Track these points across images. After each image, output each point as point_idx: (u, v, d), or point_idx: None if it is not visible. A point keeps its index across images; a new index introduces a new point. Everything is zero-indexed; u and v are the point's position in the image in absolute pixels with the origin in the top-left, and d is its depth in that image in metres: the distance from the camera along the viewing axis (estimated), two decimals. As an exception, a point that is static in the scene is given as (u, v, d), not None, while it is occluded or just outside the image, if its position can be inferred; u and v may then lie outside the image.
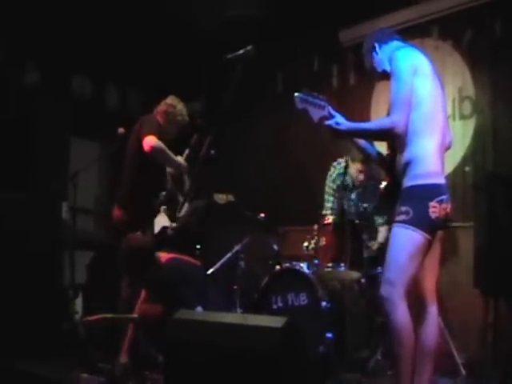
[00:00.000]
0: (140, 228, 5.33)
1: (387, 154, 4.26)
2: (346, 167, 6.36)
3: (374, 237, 6.23)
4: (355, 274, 5.85)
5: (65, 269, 7.01)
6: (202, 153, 4.70)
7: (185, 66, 8.49)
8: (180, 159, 5.79)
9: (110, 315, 5.26)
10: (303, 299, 5.68)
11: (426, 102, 3.99)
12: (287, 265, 6.12)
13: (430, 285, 4.11)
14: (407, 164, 3.94)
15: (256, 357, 3.15)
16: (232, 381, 3.27)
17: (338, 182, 6.38)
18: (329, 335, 5.61)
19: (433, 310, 4.07)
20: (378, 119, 3.99)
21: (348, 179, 6.38)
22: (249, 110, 7.71)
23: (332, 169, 6.53)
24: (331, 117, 4.00)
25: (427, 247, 3.97)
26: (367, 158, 4.49)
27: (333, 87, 7.74)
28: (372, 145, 4.43)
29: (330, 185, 6.46)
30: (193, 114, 6.16)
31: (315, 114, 4.00)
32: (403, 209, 3.86)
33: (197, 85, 8.83)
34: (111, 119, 8.15)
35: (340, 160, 6.50)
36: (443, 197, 3.91)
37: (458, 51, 6.70)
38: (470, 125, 6.55)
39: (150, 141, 5.51)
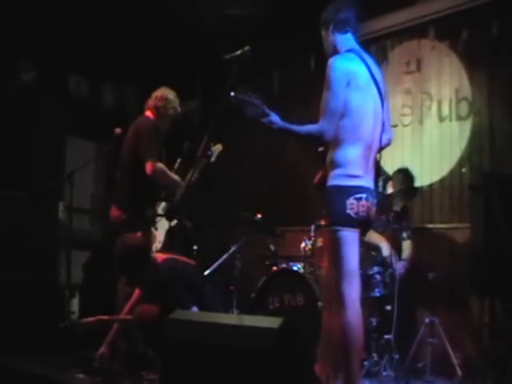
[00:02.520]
0: (139, 228, 5.31)
1: (322, 150, 4.36)
2: None
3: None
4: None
5: (61, 268, 7.01)
6: (199, 153, 4.70)
7: (181, 65, 8.49)
8: (176, 177, 5.79)
9: (105, 317, 5.26)
10: (300, 300, 5.69)
11: (353, 114, 4.11)
12: (284, 265, 6.13)
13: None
14: (330, 165, 4.14)
15: (252, 357, 3.15)
16: (228, 381, 3.27)
17: None
18: (325, 335, 5.61)
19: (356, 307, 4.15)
20: (309, 125, 4.11)
21: None
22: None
23: None
24: (266, 115, 4.07)
25: (357, 240, 4.10)
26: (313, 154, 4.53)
27: (330, 87, 7.72)
28: None
29: None
30: (189, 114, 6.14)
31: (250, 112, 4.07)
32: (324, 212, 4.10)
33: (193, 84, 8.82)
34: (107, 118, 8.15)
35: None
36: (362, 195, 4.07)
37: (455, 52, 6.69)
38: (467, 126, 6.55)
39: (151, 166, 5.52)
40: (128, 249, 4.99)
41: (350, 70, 4.16)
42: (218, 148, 5.95)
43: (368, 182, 4.17)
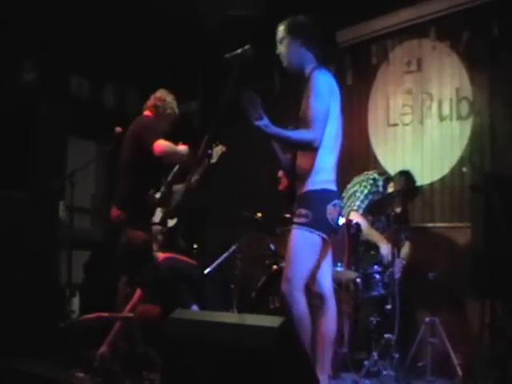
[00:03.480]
0: (139, 228, 5.31)
1: (289, 158, 4.58)
2: None
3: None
4: (352, 274, 5.85)
5: (62, 268, 7.01)
6: (200, 152, 4.71)
7: (182, 65, 8.49)
8: (182, 148, 5.79)
9: (106, 314, 5.26)
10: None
11: (334, 123, 4.39)
12: (284, 265, 6.12)
13: (327, 282, 4.51)
14: (310, 171, 4.34)
15: (253, 356, 3.14)
16: (229, 380, 3.26)
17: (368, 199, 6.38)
18: (325, 335, 5.61)
19: (332, 304, 4.49)
20: (300, 131, 4.32)
21: None
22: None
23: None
24: (261, 118, 4.18)
25: (323, 247, 4.37)
26: (278, 162, 4.67)
27: (330, 87, 7.73)
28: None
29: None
30: (189, 114, 6.15)
31: (252, 113, 4.17)
32: (303, 212, 4.28)
33: (194, 84, 8.82)
34: (108, 119, 8.14)
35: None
36: (336, 201, 4.38)
37: (456, 52, 6.70)
38: (468, 126, 6.55)
39: (160, 145, 5.56)
40: (131, 244, 4.99)
41: (331, 81, 4.46)
42: (220, 149, 5.95)
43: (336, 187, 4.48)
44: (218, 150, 5.94)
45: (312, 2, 7.54)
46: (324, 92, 4.36)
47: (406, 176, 6.30)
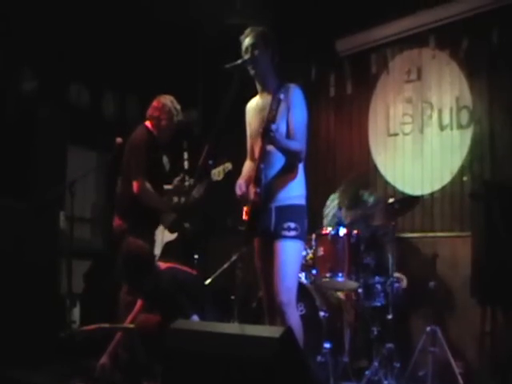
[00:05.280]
0: (140, 237, 5.30)
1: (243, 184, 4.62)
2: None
3: None
4: (353, 284, 5.85)
5: (62, 278, 6.99)
6: (200, 162, 4.72)
7: (182, 74, 8.49)
8: (161, 200, 5.82)
9: (106, 325, 5.26)
10: (301, 309, 5.68)
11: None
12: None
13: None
14: (290, 183, 4.47)
15: (254, 367, 3.14)
16: (229, 391, 3.26)
17: (335, 220, 6.43)
18: (326, 345, 5.62)
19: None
20: (293, 141, 4.40)
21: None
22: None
23: (329, 202, 6.64)
24: (274, 121, 4.25)
25: None
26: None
27: (330, 96, 7.74)
28: None
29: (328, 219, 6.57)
30: (190, 123, 6.13)
31: (272, 114, 4.25)
32: (292, 225, 4.39)
33: (194, 93, 8.83)
34: (108, 128, 8.15)
35: (333, 196, 6.61)
36: None
37: (456, 60, 6.70)
38: (468, 135, 6.55)
39: (137, 185, 5.65)
40: (132, 253, 4.98)
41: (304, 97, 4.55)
42: (226, 167, 5.94)
43: None
44: (224, 168, 5.92)
45: (312, 11, 7.59)
46: (305, 108, 4.50)
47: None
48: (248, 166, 4.80)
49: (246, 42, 4.57)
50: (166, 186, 6.01)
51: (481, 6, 6.46)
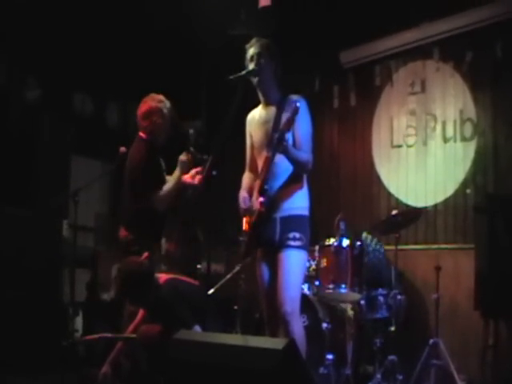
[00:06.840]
0: (145, 248, 5.28)
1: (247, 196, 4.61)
2: None
3: None
4: (356, 296, 5.84)
5: (65, 286, 7.00)
6: (204, 172, 4.72)
7: (186, 84, 8.51)
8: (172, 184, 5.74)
9: (108, 334, 5.25)
10: (304, 320, 5.67)
11: None
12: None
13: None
14: (296, 194, 4.50)
15: (257, 378, 3.13)
16: (232, 402, 3.25)
17: None
18: (329, 356, 5.61)
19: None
20: (301, 152, 4.43)
21: None
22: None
23: None
24: (289, 130, 4.25)
25: None
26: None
27: (334, 108, 7.75)
28: None
29: None
30: (193, 133, 6.08)
31: (288, 123, 4.21)
32: (297, 235, 4.42)
33: (198, 103, 8.83)
34: (112, 137, 8.16)
35: None
36: None
37: (459, 73, 6.71)
38: (471, 147, 6.56)
39: (153, 201, 5.51)
40: (129, 273, 4.98)
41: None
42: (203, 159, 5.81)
43: None
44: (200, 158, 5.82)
45: (316, 22, 7.59)
46: (309, 118, 4.53)
47: None
48: (248, 178, 4.79)
49: (252, 51, 4.59)
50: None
51: (485, 18, 6.46)
